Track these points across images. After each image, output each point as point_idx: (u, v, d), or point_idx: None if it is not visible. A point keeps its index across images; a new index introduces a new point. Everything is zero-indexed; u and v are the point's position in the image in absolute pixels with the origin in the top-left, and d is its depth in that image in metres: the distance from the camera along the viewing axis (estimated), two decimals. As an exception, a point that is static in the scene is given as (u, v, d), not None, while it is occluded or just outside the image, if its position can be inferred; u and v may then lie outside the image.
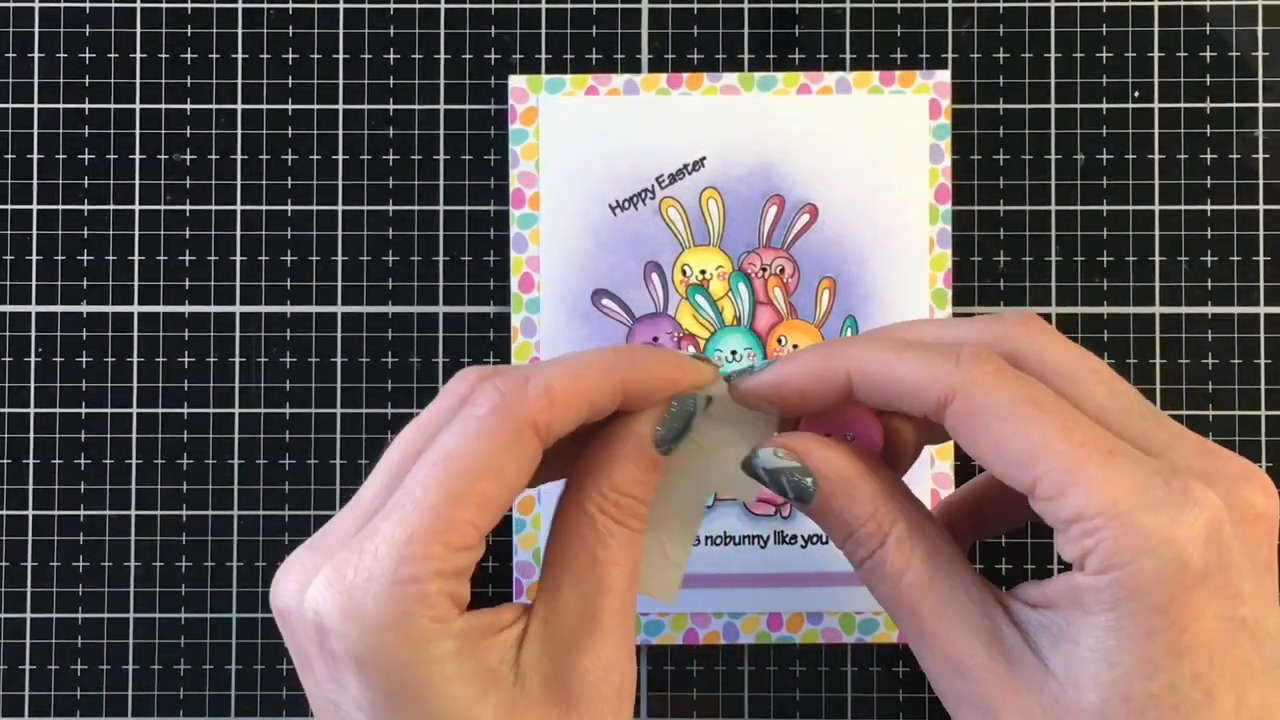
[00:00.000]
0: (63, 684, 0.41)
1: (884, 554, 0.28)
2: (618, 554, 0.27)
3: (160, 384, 0.42)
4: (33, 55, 0.42)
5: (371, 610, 0.24)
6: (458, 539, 0.25)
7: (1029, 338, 0.28)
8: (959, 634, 0.27)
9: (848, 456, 0.28)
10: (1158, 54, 0.42)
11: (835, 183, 0.41)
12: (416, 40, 0.42)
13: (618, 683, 0.27)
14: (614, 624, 0.27)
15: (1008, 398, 0.25)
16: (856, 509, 0.28)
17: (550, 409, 0.26)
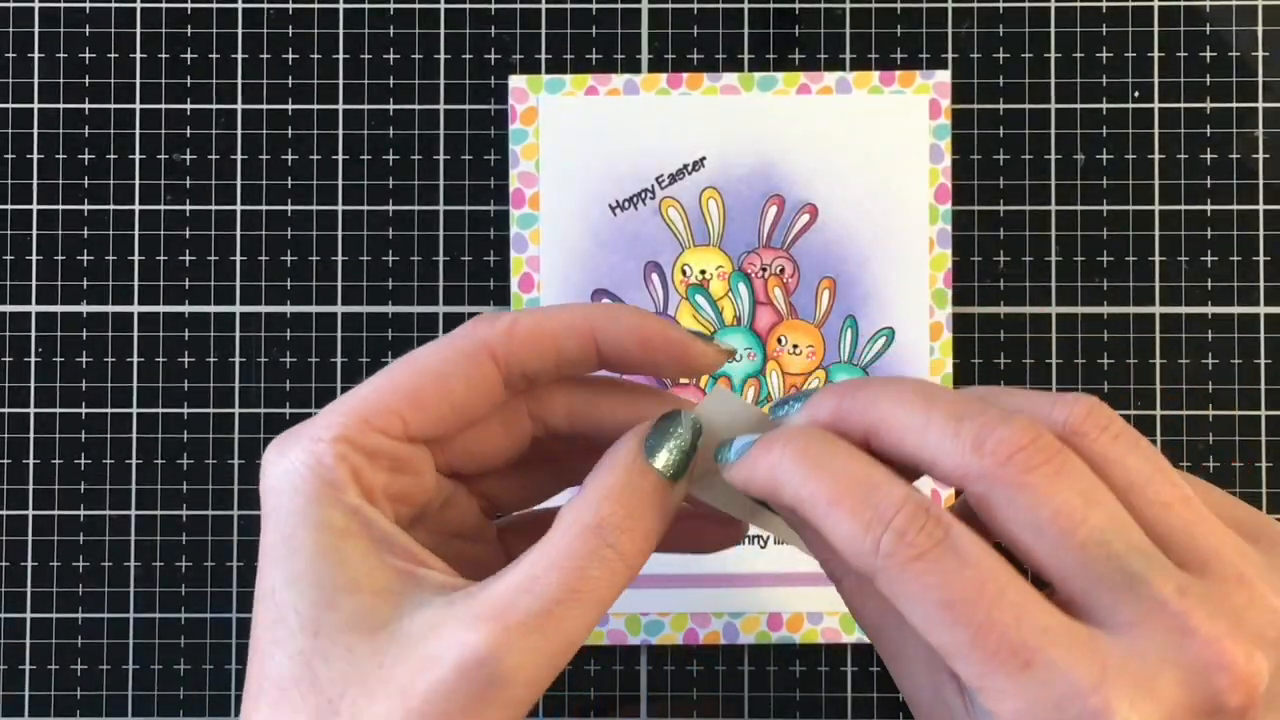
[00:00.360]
0: (63, 684, 0.41)
1: (841, 590, 0.28)
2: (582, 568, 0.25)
3: (160, 384, 0.42)
4: (33, 55, 0.42)
5: (278, 461, 0.26)
6: (379, 420, 0.26)
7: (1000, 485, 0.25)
8: (905, 682, 0.27)
9: None
10: (1158, 54, 0.42)
11: (835, 183, 0.41)
12: (416, 40, 0.42)
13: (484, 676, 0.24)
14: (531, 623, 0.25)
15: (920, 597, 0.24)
16: (815, 549, 0.28)
17: (509, 338, 0.27)
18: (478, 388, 0.27)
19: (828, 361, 0.41)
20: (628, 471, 0.26)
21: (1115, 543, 0.24)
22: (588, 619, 0.25)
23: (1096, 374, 0.41)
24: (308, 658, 0.24)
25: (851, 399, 0.27)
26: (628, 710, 0.41)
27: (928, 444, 0.25)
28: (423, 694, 0.24)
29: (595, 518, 0.25)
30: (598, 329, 0.28)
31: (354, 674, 0.24)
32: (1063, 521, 0.24)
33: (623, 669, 0.41)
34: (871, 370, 0.41)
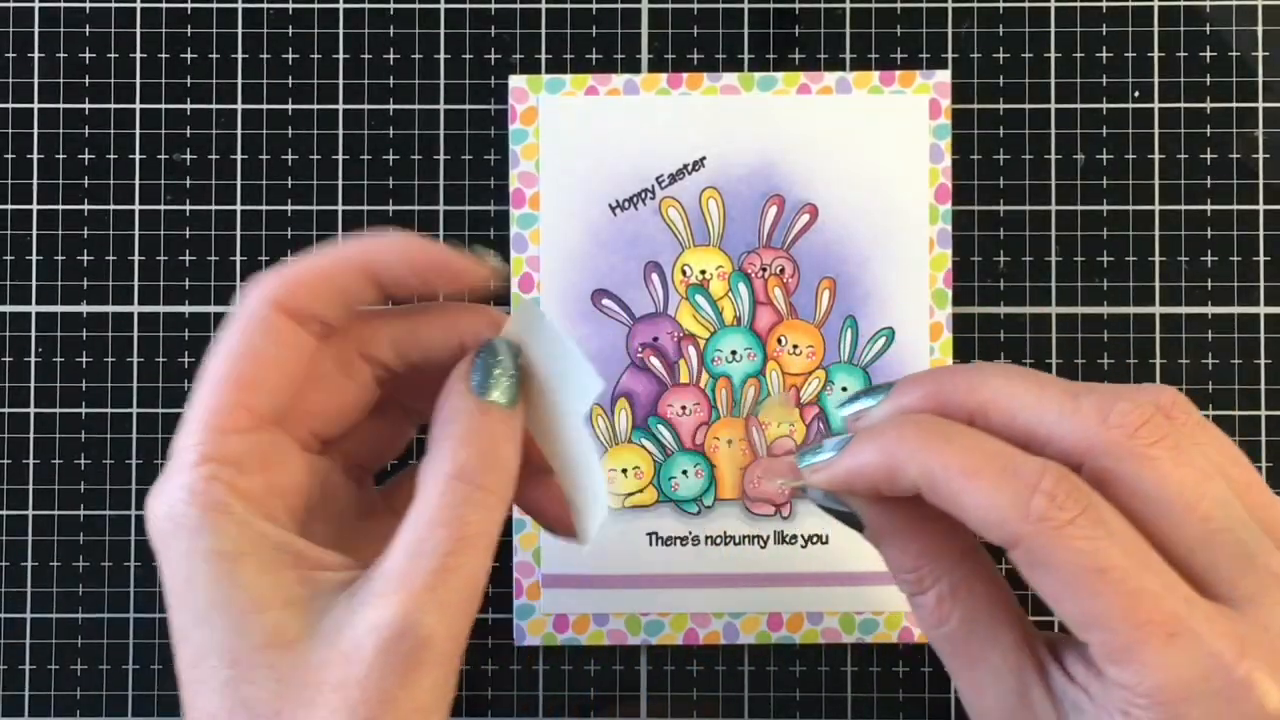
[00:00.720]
0: (63, 684, 0.41)
1: (923, 601, 0.28)
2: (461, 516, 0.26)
3: (160, 384, 0.42)
4: (33, 55, 0.42)
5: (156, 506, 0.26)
6: (227, 421, 0.26)
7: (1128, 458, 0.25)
8: (987, 693, 0.27)
9: (895, 509, 0.28)
10: (1158, 54, 0.42)
11: (835, 183, 0.41)
12: (416, 40, 0.42)
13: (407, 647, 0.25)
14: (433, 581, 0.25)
15: (1072, 562, 0.24)
16: (903, 560, 0.28)
17: (286, 285, 0.27)
18: (285, 343, 0.27)
19: (828, 361, 0.41)
20: (468, 414, 0.27)
21: (1231, 517, 0.25)
22: (481, 559, 0.26)
23: (1097, 374, 0.41)
24: (235, 686, 0.24)
25: (952, 381, 0.27)
26: (628, 710, 0.41)
27: (1045, 419, 0.26)
28: (358, 684, 0.24)
29: (455, 467, 0.26)
30: (370, 259, 0.28)
31: (284, 690, 0.24)
32: (1188, 494, 0.25)
33: (623, 669, 0.41)
34: (872, 371, 0.41)
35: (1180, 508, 0.25)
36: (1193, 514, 0.25)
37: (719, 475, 0.41)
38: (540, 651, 0.41)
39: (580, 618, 0.41)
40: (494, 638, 0.41)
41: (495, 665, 0.41)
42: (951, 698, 0.41)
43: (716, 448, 0.41)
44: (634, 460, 0.41)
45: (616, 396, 0.41)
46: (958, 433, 0.26)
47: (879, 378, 0.41)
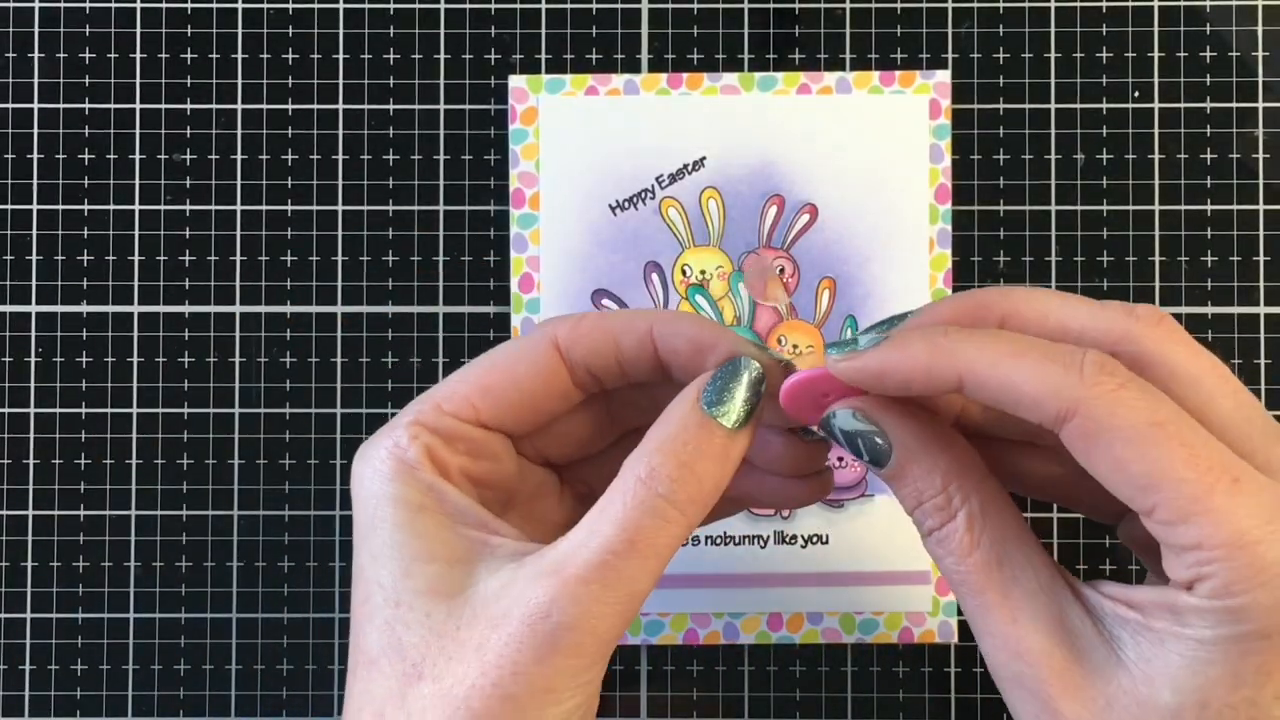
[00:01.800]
0: (63, 684, 0.41)
1: (953, 529, 0.27)
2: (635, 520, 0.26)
3: (160, 384, 0.42)
4: (33, 55, 0.42)
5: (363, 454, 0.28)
6: (450, 405, 0.28)
7: (1159, 341, 0.26)
8: (1023, 617, 0.26)
9: (926, 425, 0.28)
10: (1158, 54, 0.42)
11: (835, 183, 0.41)
12: (416, 40, 0.42)
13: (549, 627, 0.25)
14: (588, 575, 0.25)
15: (1131, 419, 0.24)
16: (929, 480, 0.27)
17: (572, 330, 0.29)
18: (543, 375, 0.29)
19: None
20: (681, 422, 0.27)
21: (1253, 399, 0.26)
22: (647, 569, 0.26)
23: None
24: (392, 626, 0.26)
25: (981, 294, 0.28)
26: (628, 710, 0.41)
27: (1078, 315, 0.27)
28: (496, 649, 0.25)
29: (646, 470, 0.26)
30: (655, 329, 0.29)
31: (433, 639, 0.26)
32: (1220, 370, 0.26)
33: (623, 669, 0.41)
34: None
35: (1213, 383, 0.26)
36: (1225, 387, 0.26)
37: (719, 475, 0.41)
38: (540, 651, 0.41)
39: (580, 618, 0.41)
40: (494, 638, 0.41)
41: (495, 665, 0.41)
42: (952, 697, 0.41)
43: (716, 448, 0.41)
44: (634, 460, 0.41)
45: (616, 396, 0.41)
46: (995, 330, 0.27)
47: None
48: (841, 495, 0.41)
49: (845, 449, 0.28)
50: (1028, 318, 0.27)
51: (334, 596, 0.41)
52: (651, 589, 0.26)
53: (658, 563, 0.26)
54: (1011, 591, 0.26)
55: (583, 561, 0.25)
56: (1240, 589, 0.23)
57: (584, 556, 0.26)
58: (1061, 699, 0.25)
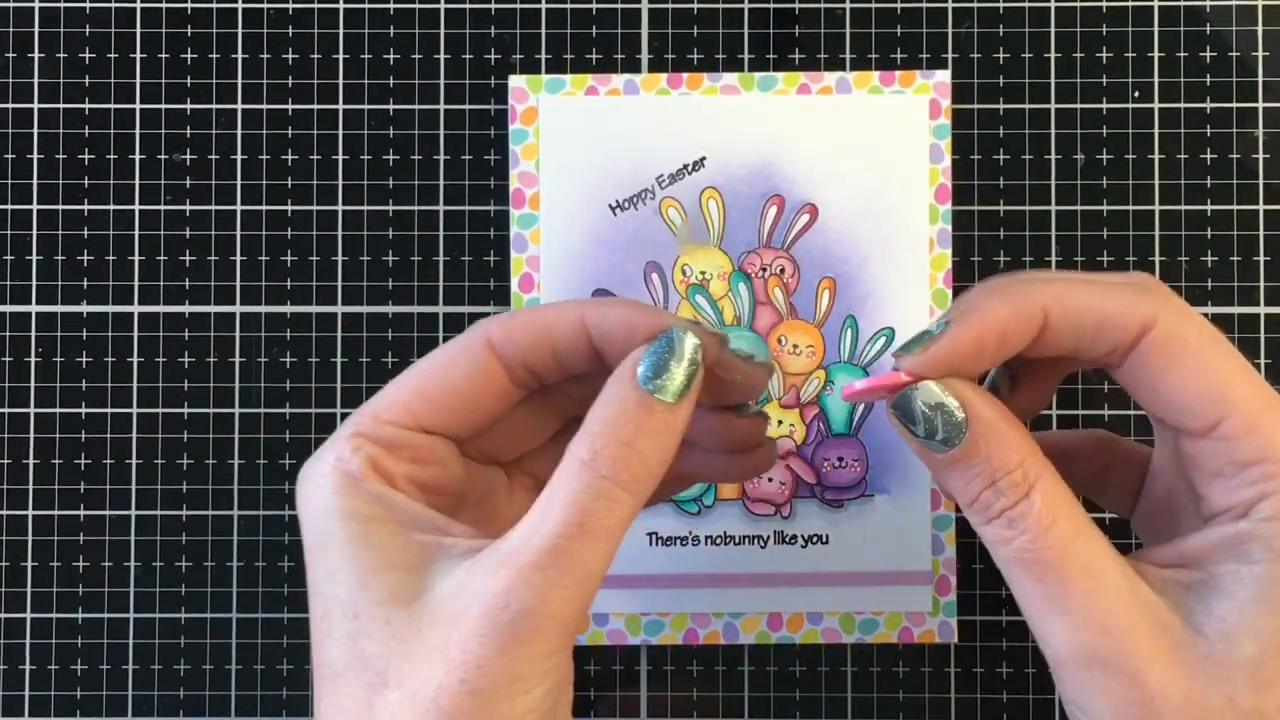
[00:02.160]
0: (63, 684, 0.41)
1: (1029, 506, 0.27)
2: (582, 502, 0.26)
3: (160, 384, 0.42)
4: (33, 55, 0.42)
5: (305, 473, 0.28)
6: (388, 413, 0.28)
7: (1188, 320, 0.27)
8: (1104, 591, 0.26)
9: (998, 403, 0.28)
10: (1158, 54, 0.42)
11: (835, 183, 0.41)
12: (416, 40, 0.42)
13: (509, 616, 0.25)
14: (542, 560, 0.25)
15: (1201, 332, 0.26)
16: (1005, 456, 0.27)
17: (505, 328, 0.29)
18: (479, 377, 0.29)
19: (828, 361, 0.41)
20: (620, 401, 0.27)
21: None
22: (599, 549, 0.26)
23: (1098, 373, 0.41)
24: (353, 638, 0.26)
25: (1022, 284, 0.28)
26: (628, 710, 0.41)
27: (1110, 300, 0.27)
28: (459, 645, 0.25)
29: (589, 452, 0.26)
30: (587, 317, 0.28)
31: (396, 645, 0.26)
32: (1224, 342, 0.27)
33: (623, 669, 0.41)
34: (872, 371, 0.41)
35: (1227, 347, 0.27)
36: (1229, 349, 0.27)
37: (719, 475, 0.41)
38: (540, 651, 0.41)
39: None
40: (494, 638, 0.41)
41: (495, 665, 0.41)
42: (952, 697, 0.41)
43: (716, 448, 0.41)
44: (634, 460, 0.41)
45: (616, 396, 0.41)
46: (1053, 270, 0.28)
47: (879, 378, 0.41)
48: (841, 495, 0.41)
49: (912, 432, 0.28)
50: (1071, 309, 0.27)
51: (334, 596, 0.41)
52: (606, 568, 0.26)
53: (609, 542, 0.26)
54: (1091, 566, 0.26)
55: (535, 548, 0.25)
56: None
57: (536, 543, 0.26)
58: (1149, 670, 0.25)
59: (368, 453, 0.28)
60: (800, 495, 0.41)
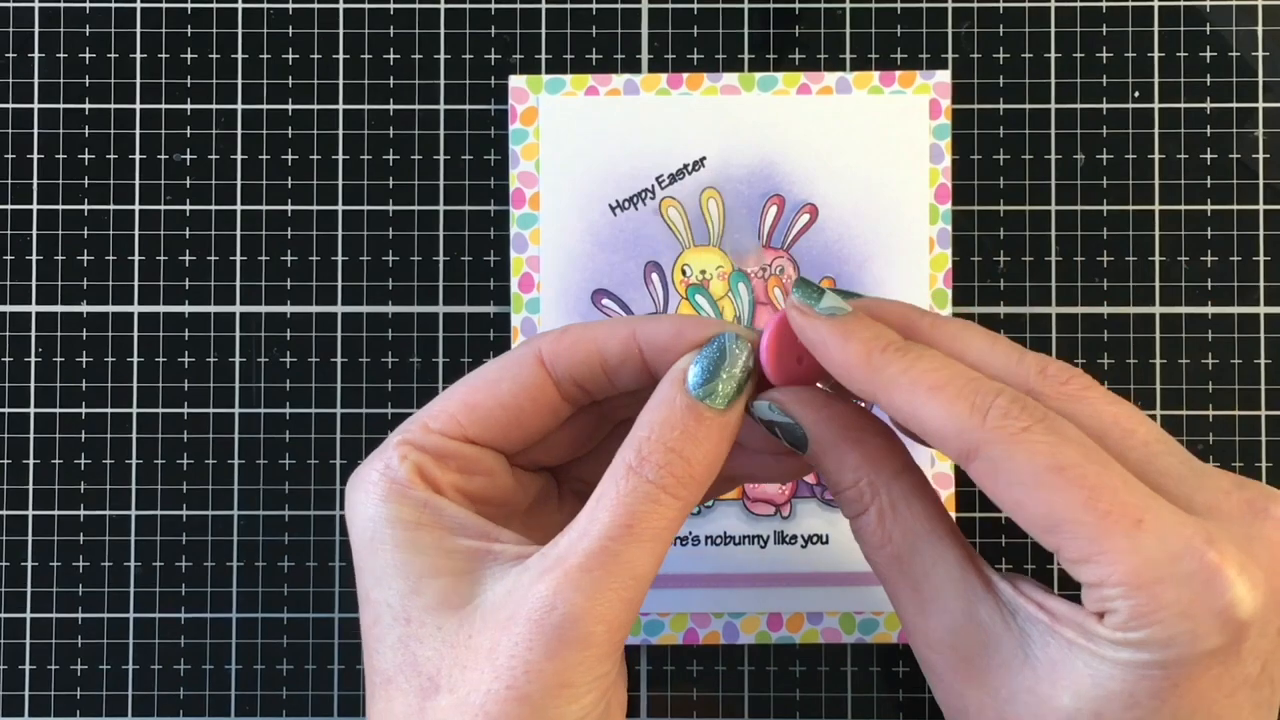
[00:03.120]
0: (63, 684, 0.41)
1: (866, 521, 0.28)
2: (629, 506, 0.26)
3: (160, 384, 0.42)
4: (33, 55, 0.42)
5: (354, 481, 0.28)
6: (436, 423, 0.29)
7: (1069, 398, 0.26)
8: (931, 610, 0.27)
9: (842, 417, 0.28)
10: (1158, 54, 0.42)
11: (835, 183, 0.41)
12: (416, 40, 0.42)
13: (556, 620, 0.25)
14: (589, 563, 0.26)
15: (1029, 463, 0.24)
16: (842, 473, 0.28)
17: (556, 342, 0.29)
18: (529, 392, 0.29)
19: (828, 361, 0.41)
20: (669, 406, 0.27)
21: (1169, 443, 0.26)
22: (646, 552, 0.26)
23: (1097, 374, 0.41)
24: (405, 643, 0.26)
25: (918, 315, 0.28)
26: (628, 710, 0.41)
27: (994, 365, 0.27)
28: (507, 651, 0.25)
29: (637, 458, 0.26)
30: (639, 332, 0.29)
31: (447, 650, 0.26)
32: (1125, 423, 0.26)
33: (623, 669, 0.41)
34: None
35: (1119, 434, 0.26)
36: (1133, 438, 0.26)
37: (719, 475, 0.41)
38: (540, 651, 0.41)
39: (580, 618, 0.41)
40: (494, 638, 0.41)
41: (495, 665, 0.41)
42: (951, 698, 0.41)
43: (716, 448, 0.41)
44: (634, 460, 0.41)
45: (616, 396, 0.41)
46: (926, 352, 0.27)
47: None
48: (841, 495, 0.41)
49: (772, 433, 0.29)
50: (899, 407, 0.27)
51: (334, 596, 0.41)
52: (654, 572, 0.27)
53: (657, 545, 0.26)
54: (921, 585, 0.27)
55: (582, 551, 0.26)
56: (1139, 625, 0.24)
57: (583, 546, 0.26)
58: (966, 687, 0.26)
59: (415, 460, 0.28)
60: (800, 495, 0.41)
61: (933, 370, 0.26)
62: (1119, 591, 0.24)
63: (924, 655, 0.27)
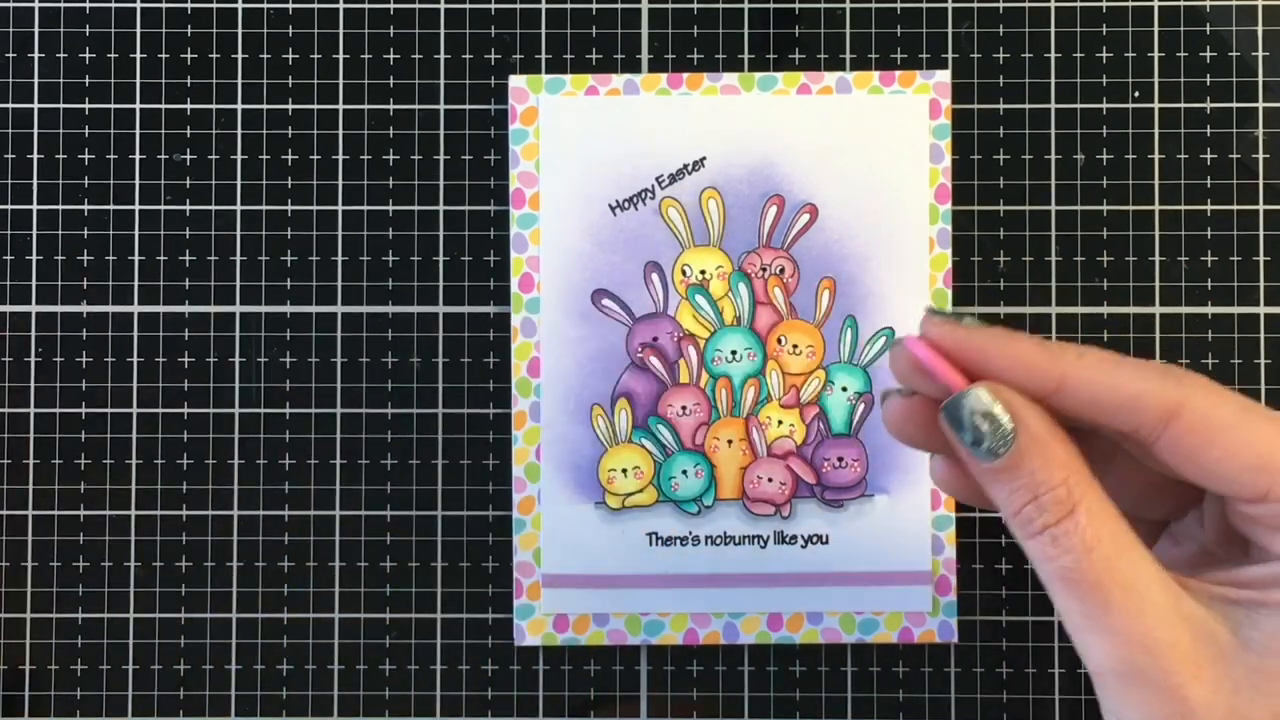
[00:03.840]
0: (63, 684, 0.41)
1: (1073, 524, 0.27)
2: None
3: (160, 384, 0.42)
4: (33, 55, 0.42)
5: None
6: None
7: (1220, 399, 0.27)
8: (1148, 609, 0.26)
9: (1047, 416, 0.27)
10: (1158, 54, 0.42)
11: (835, 183, 0.41)
12: (416, 40, 0.42)
13: None
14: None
15: (1234, 407, 0.26)
16: (1050, 471, 0.27)
17: None
18: None
19: (827, 361, 0.41)
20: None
21: None
22: None
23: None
24: None
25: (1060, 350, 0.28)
26: (628, 710, 0.41)
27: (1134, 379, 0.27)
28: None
29: None
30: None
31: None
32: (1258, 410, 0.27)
33: (623, 669, 0.41)
34: (872, 370, 0.41)
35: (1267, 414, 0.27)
36: None
37: (719, 475, 0.41)
38: (540, 651, 0.41)
39: (580, 618, 0.41)
40: (494, 638, 0.41)
41: (495, 665, 0.41)
42: (952, 697, 0.41)
43: (716, 448, 0.41)
44: (634, 460, 0.41)
45: (616, 396, 0.41)
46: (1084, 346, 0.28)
47: (879, 377, 0.41)
48: (841, 495, 0.41)
49: (959, 436, 0.28)
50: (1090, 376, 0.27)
51: (334, 596, 0.41)
52: None
53: None
54: (1134, 584, 0.26)
55: None
56: None
57: None
58: (1190, 685, 0.26)
59: None
60: (800, 495, 0.41)
61: (1103, 352, 0.27)
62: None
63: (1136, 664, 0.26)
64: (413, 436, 0.41)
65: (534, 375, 0.41)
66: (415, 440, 0.41)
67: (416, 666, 0.41)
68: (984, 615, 0.41)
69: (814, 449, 0.41)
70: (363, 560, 0.41)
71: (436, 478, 0.41)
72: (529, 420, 0.41)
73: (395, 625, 0.41)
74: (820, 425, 0.41)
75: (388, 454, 0.41)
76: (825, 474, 0.41)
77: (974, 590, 0.41)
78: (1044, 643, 0.41)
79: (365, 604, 0.41)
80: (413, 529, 0.41)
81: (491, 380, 0.41)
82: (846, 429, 0.41)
